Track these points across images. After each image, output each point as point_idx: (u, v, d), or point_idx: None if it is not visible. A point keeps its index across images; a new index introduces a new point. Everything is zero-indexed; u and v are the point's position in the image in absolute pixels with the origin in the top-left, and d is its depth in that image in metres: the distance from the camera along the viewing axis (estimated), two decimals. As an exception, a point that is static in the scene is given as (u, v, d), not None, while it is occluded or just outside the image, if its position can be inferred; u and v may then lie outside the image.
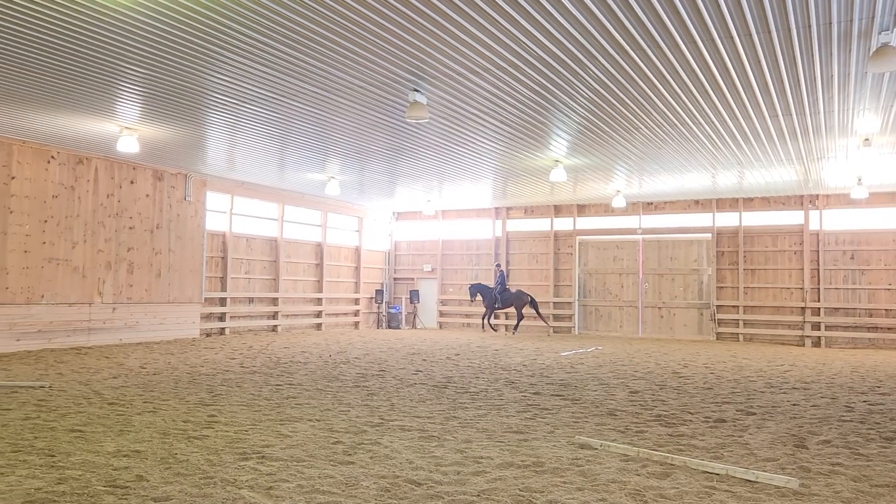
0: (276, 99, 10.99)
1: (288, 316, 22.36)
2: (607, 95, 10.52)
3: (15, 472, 5.22)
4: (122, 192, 16.86)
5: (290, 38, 8.30)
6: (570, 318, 24.04)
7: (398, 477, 5.29)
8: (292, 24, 7.87)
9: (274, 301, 21.83)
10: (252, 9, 7.45)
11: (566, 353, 16.18)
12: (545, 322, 23.23)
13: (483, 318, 23.82)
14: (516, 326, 23.21)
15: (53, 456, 5.76)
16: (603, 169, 16.84)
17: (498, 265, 24.01)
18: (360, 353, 15.33)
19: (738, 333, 21.59)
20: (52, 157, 15.29)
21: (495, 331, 23.85)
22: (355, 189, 20.97)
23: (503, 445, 6.45)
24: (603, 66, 9.13)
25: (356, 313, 25.41)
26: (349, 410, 8.17)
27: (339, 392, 9.61)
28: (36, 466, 5.41)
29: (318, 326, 23.52)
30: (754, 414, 8.42)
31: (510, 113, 11.56)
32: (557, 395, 9.66)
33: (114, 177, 16.67)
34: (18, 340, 14.50)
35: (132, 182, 17.13)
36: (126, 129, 13.17)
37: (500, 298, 22.82)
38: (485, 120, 12.07)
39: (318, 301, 23.67)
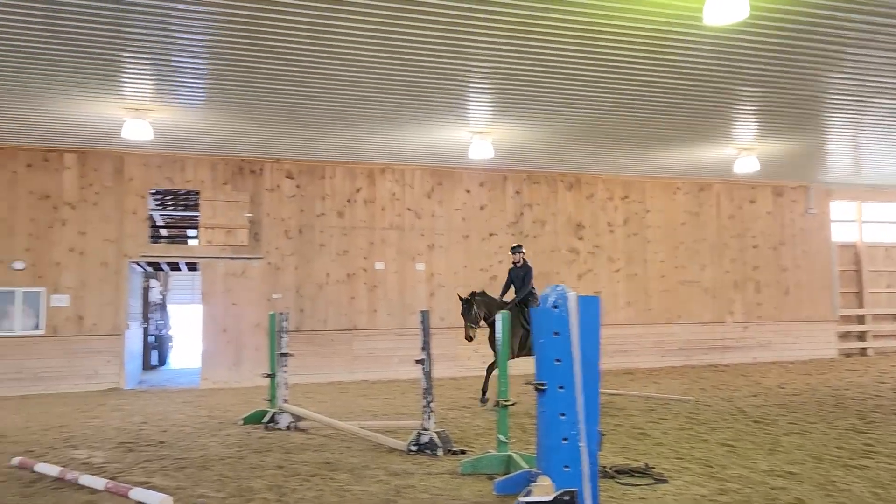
0: (911, 84, 9.57)
1: (946, 335, 18.87)
2: None
3: (681, 478, 5.73)
4: (742, 213, 17.16)
5: (926, 10, 7.15)
6: None
7: None
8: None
9: (925, 317, 18.74)
10: (875, -9, 6.70)
11: None
12: None
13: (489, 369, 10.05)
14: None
15: (711, 467, 6.10)
16: None
17: (519, 248, 10.66)
18: None
19: None
20: (678, 188, 16.65)
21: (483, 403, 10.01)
22: None
23: None
24: None
25: None
26: None
27: None
28: (697, 475, 5.82)
29: None
30: None
31: None
32: None
33: (733, 198, 17.11)
34: (663, 357, 16.08)
35: (751, 201, 17.25)
36: (744, 151, 13.38)
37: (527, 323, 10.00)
38: None
39: None
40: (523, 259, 10.49)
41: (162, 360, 19.61)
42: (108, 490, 5.33)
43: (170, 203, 18.63)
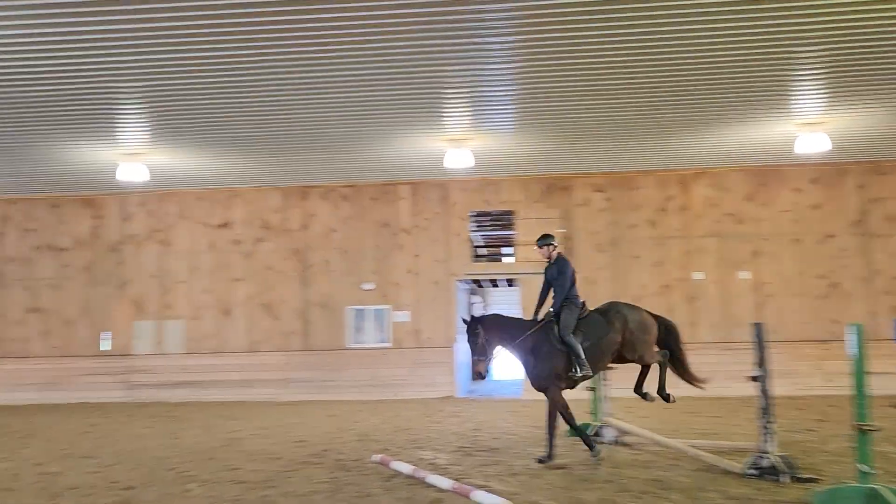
0: None
1: None
2: None
3: None
4: None
5: None
6: None
7: None
8: None
9: None
10: None
11: None
12: (696, 380, 8.32)
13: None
14: (660, 389, 8.18)
15: None
16: None
17: (546, 239, 7.71)
18: None
19: None
20: None
21: None
22: None
23: None
24: None
25: None
26: None
27: None
28: None
29: None
30: None
31: None
32: None
33: None
34: None
35: None
36: None
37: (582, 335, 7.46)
38: None
39: None
40: (557, 253, 7.77)
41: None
42: (453, 490, 5.79)
43: (486, 224, 19.91)
